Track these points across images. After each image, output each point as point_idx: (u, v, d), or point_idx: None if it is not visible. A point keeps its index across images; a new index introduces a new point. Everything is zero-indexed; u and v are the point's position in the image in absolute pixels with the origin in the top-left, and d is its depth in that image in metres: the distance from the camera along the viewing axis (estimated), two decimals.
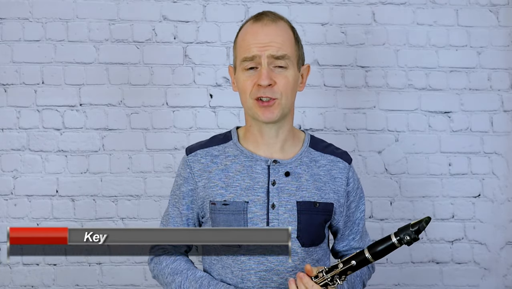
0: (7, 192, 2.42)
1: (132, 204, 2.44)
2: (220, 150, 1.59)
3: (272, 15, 1.55)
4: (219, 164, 1.57)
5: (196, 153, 1.60)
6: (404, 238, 1.30)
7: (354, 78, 2.50)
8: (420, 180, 2.50)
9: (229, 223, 1.51)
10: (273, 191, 1.52)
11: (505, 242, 2.52)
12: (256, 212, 1.50)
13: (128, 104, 2.45)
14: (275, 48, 1.48)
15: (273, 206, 1.51)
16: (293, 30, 1.57)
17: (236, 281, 1.51)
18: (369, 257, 1.35)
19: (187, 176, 1.59)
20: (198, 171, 1.57)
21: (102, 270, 2.42)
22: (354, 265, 1.36)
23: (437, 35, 2.52)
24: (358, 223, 1.65)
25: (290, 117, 1.58)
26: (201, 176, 1.57)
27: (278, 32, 1.51)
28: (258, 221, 1.50)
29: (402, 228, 1.31)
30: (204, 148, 1.60)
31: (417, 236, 1.31)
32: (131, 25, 2.46)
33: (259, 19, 1.53)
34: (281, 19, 1.56)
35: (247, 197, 1.51)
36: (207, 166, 1.57)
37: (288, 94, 1.51)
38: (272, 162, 1.54)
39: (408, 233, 1.29)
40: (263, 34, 1.50)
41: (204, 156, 1.58)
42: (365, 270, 1.64)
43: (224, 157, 1.58)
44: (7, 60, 2.43)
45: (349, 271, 1.37)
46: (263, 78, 1.47)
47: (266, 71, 1.48)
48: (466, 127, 2.52)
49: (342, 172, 1.59)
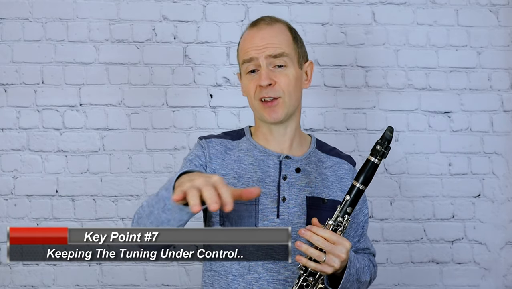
0: (7, 192, 2.42)
1: (132, 204, 2.44)
2: (234, 144, 1.62)
3: (269, 19, 1.59)
4: (232, 155, 1.59)
5: (211, 140, 1.62)
6: (379, 153, 1.38)
7: (354, 78, 2.50)
8: (420, 180, 2.50)
9: (239, 213, 1.53)
10: (284, 185, 1.54)
11: (505, 242, 2.52)
12: (267, 204, 1.52)
13: (128, 104, 2.45)
14: (272, 48, 1.52)
15: (284, 199, 1.53)
16: (291, 30, 1.60)
17: (242, 272, 1.52)
18: (361, 187, 1.39)
19: (200, 154, 1.59)
20: (212, 153, 1.58)
21: (102, 270, 2.42)
22: (349, 199, 1.39)
23: (437, 35, 2.52)
24: (363, 225, 1.66)
25: (297, 117, 1.61)
26: (214, 159, 1.57)
27: (273, 34, 1.54)
28: (268, 213, 1.52)
29: (373, 148, 1.38)
30: (218, 138, 1.63)
31: (389, 145, 1.39)
32: (131, 25, 2.46)
33: (255, 24, 1.58)
34: (278, 21, 1.59)
35: None
36: (221, 152, 1.59)
37: (291, 92, 1.53)
38: (284, 157, 1.56)
39: (379, 148, 1.38)
40: (259, 37, 1.54)
41: (219, 144, 1.61)
42: (372, 265, 1.63)
43: (237, 150, 1.60)
44: (7, 60, 2.43)
45: (349, 208, 1.39)
46: (262, 79, 1.51)
47: (265, 72, 1.51)
48: (466, 127, 2.52)
49: (348, 172, 1.62)
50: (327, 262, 1.36)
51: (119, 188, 2.44)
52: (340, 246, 1.37)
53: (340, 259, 1.37)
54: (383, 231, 2.48)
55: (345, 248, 1.38)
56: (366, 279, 1.56)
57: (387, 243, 2.48)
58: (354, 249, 1.65)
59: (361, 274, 1.52)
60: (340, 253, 1.37)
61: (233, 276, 1.52)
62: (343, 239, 1.38)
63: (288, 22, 1.63)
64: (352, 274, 1.47)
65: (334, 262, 1.37)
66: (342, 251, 1.37)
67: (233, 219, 1.53)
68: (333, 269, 1.38)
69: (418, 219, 2.50)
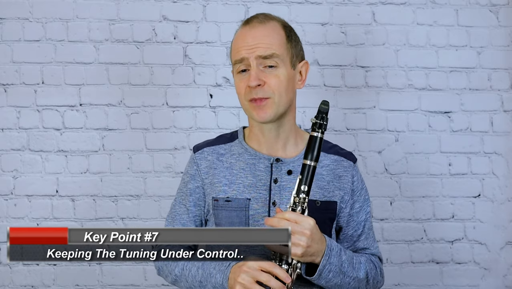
0: (7, 192, 2.42)
1: (132, 204, 2.44)
2: (226, 148, 1.62)
3: (263, 17, 1.57)
4: (224, 162, 1.59)
5: (203, 150, 1.62)
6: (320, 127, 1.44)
7: (354, 78, 2.50)
8: (420, 180, 2.50)
9: (231, 219, 1.53)
10: (275, 189, 1.53)
11: (505, 242, 2.52)
12: (258, 209, 1.52)
13: (128, 104, 2.45)
14: (262, 49, 1.51)
15: (274, 204, 1.52)
16: (286, 29, 1.57)
17: None
18: (312, 163, 1.43)
19: (194, 173, 1.61)
20: (204, 168, 1.60)
21: (102, 270, 2.42)
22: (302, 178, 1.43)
23: (437, 35, 2.52)
24: (364, 224, 1.63)
25: (291, 116, 1.59)
26: (207, 173, 1.59)
27: (265, 33, 1.53)
28: (259, 218, 1.52)
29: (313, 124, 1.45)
30: (211, 146, 1.63)
31: (326, 117, 1.45)
32: (131, 25, 2.46)
33: (248, 22, 1.57)
34: (272, 19, 1.57)
35: (249, 194, 1.53)
36: (213, 162, 1.60)
37: (281, 92, 1.52)
38: (275, 160, 1.56)
39: (318, 122, 1.44)
40: (250, 36, 1.53)
41: (210, 153, 1.61)
42: (372, 265, 1.59)
43: (229, 155, 1.60)
44: (7, 60, 2.43)
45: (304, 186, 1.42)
46: (251, 80, 1.50)
47: (255, 72, 1.50)
48: (466, 127, 2.52)
49: (347, 170, 1.61)
50: (293, 241, 1.37)
51: (119, 188, 2.43)
52: (302, 223, 1.39)
53: (305, 236, 1.38)
54: (383, 231, 2.48)
55: (309, 224, 1.39)
56: (359, 275, 1.52)
57: (387, 243, 2.48)
58: (352, 248, 1.63)
59: (348, 267, 1.49)
60: (304, 230, 1.38)
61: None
62: (305, 216, 1.40)
63: (283, 19, 1.61)
64: (333, 263, 1.45)
65: (300, 240, 1.38)
66: (306, 227, 1.38)
67: (225, 226, 1.53)
68: (302, 249, 1.38)
69: (418, 219, 2.49)
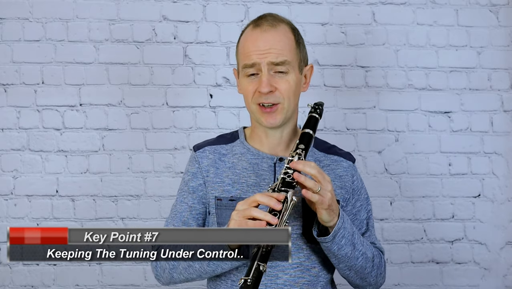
0: (7, 192, 2.42)
1: (132, 204, 2.44)
2: (228, 148, 1.61)
3: (272, 19, 1.55)
4: (226, 162, 1.59)
5: (204, 149, 1.62)
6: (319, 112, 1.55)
7: (354, 78, 2.50)
8: (420, 180, 2.50)
9: None
10: None
11: (505, 242, 2.52)
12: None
13: (128, 104, 2.45)
14: (274, 55, 1.49)
15: None
16: (294, 32, 1.57)
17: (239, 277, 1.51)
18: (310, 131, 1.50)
19: (196, 171, 1.60)
20: (206, 166, 1.59)
21: (102, 270, 2.42)
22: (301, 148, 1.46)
23: (437, 35, 2.52)
24: (367, 222, 1.64)
25: (294, 118, 1.61)
26: (209, 171, 1.58)
27: (277, 38, 1.51)
28: None
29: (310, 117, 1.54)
30: (212, 145, 1.62)
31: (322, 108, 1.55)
32: (131, 25, 2.46)
33: (258, 25, 1.54)
34: (282, 22, 1.55)
35: (253, 193, 1.52)
36: (214, 162, 1.59)
37: (290, 98, 1.52)
38: (278, 160, 1.56)
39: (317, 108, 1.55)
40: (262, 41, 1.50)
41: (212, 152, 1.60)
42: (377, 253, 1.58)
43: (231, 155, 1.60)
44: (7, 60, 2.43)
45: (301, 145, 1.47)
46: (263, 86, 1.49)
47: (266, 79, 1.49)
48: (466, 127, 2.52)
49: (347, 170, 1.61)
50: (321, 193, 1.37)
51: (119, 188, 2.44)
52: (327, 181, 1.40)
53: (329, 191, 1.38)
54: (383, 231, 2.48)
55: (330, 184, 1.40)
56: (367, 253, 1.52)
57: (387, 243, 2.48)
58: None
59: (358, 240, 1.49)
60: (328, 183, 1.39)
61: (231, 281, 1.52)
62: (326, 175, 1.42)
63: (290, 21, 1.60)
64: (347, 229, 1.45)
65: (325, 195, 1.38)
66: (329, 186, 1.39)
67: None
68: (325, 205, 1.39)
69: (418, 219, 2.50)
